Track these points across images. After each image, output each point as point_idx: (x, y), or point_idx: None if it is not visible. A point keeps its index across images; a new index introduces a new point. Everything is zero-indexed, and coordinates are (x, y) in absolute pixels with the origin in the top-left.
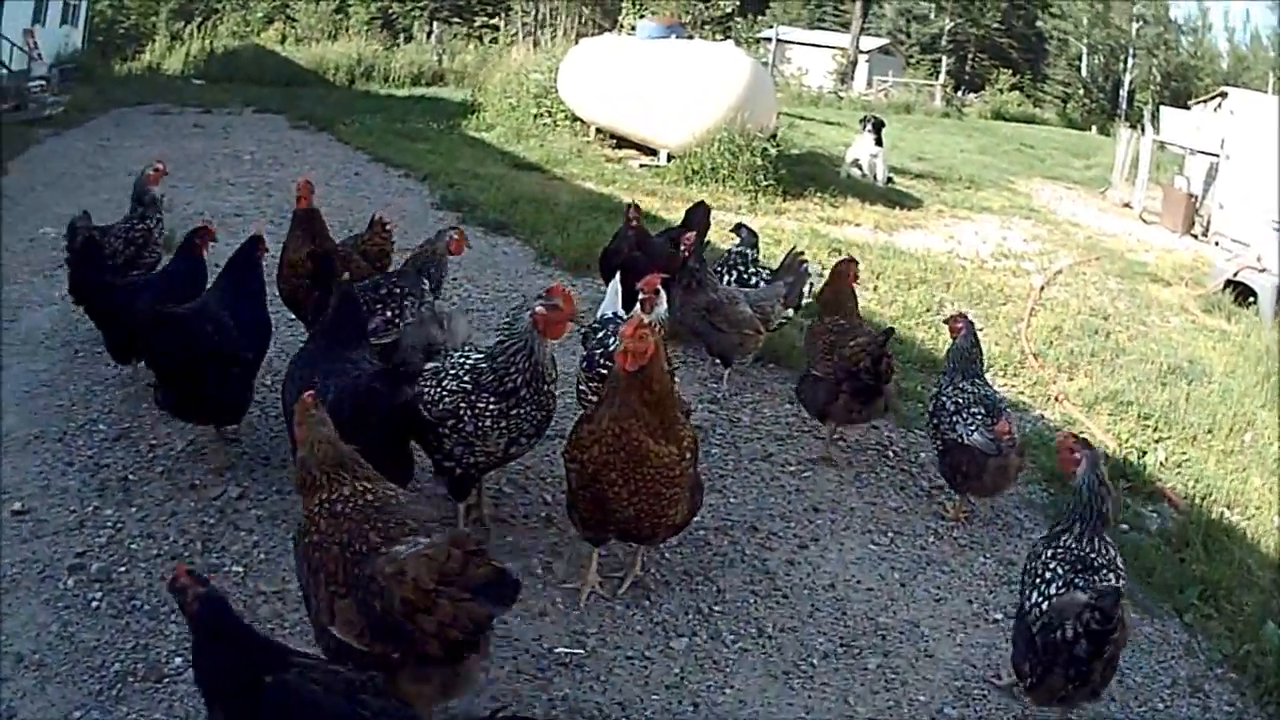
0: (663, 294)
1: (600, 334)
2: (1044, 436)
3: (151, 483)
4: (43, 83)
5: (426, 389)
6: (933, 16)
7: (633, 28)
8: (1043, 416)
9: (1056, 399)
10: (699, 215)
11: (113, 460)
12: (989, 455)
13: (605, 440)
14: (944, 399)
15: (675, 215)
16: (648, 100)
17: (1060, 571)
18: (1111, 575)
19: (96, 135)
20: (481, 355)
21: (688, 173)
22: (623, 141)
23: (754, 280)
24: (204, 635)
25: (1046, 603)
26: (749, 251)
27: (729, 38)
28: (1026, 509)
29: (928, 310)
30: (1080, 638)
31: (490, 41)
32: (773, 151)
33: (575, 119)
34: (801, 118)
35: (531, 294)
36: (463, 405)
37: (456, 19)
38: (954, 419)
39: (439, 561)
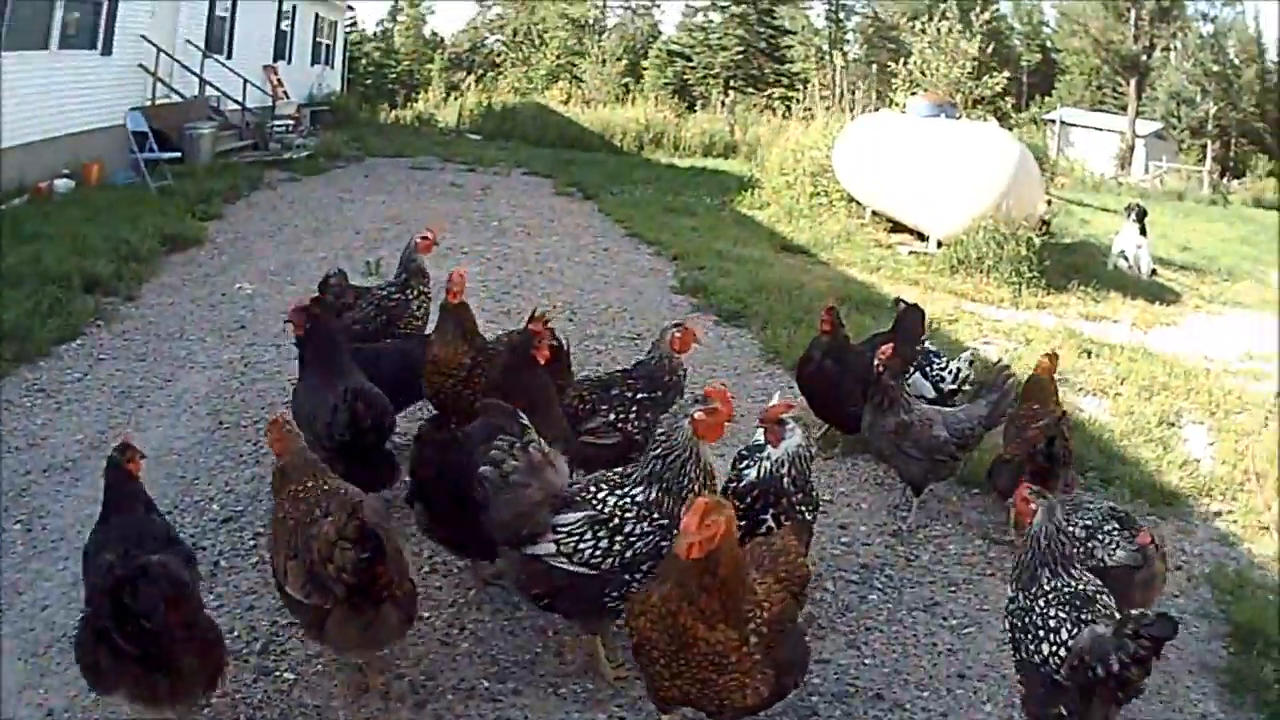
0: (791, 426)
1: (743, 464)
2: (1245, 579)
3: (241, 572)
4: (290, 123)
5: (589, 545)
6: (1199, 100)
7: (903, 105)
8: (1249, 552)
9: (1267, 529)
10: (910, 321)
11: (212, 542)
12: (1135, 569)
13: (650, 615)
14: (1070, 527)
15: (935, 307)
16: (914, 183)
17: (1064, 615)
18: (1105, 596)
19: (338, 185)
20: (641, 487)
21: (953, 261)
22: (899, 225)
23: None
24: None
25: (1063, 649)
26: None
27: (1001, 118)
28: (1200, 673)
29: (1159, 424)
30: (1129, 665)
31: (783, 115)
32: (1037, 242)
33: (851, 200)
34: (1080, 203)
35: (746, 394)
36: (664, 542)
37: (751, 89)
38: (1090, 545)
39: (337, 522)
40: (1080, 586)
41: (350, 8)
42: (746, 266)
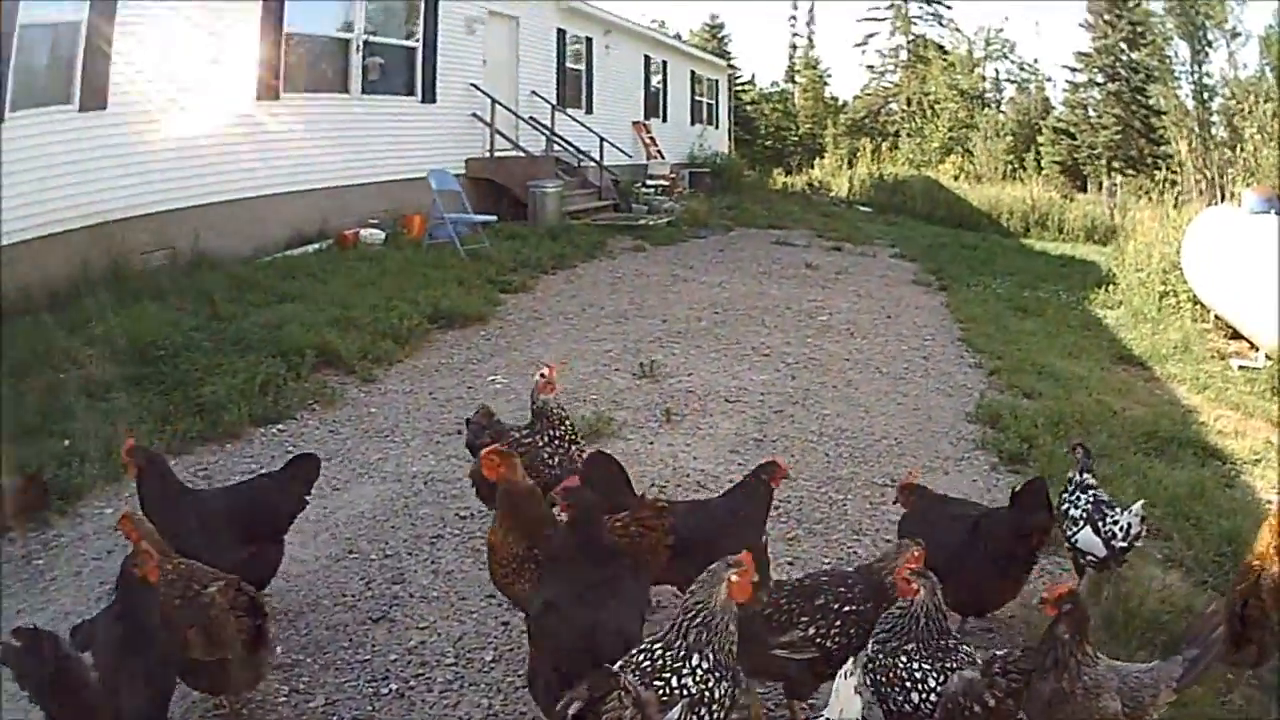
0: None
1: None
2: None
3: None
4: (662, 184)
5: None
6: None
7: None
8: None
9: None
10: (1032, 497)
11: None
12: None
13: None
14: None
15: (1242, 444)
16: (1243, 286)
17: (929, 666)
18: (968, 645)
19: (683, 260)
20: (695, 656)
21: (1276, 382)
22: (1238, 332)
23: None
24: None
25: (932, 695)
26: (1084, 477)
27: None
28: None
29: None
30: (1005, 699)
31: (1158, 200)
32: None
33: (1197, 302)
34: None
35: None
36: (735, 690)
37: (1131, 170)
38: None
39: (226, 595)
40: (941, 643)
41: (733, 66)
42: (1064, 386)
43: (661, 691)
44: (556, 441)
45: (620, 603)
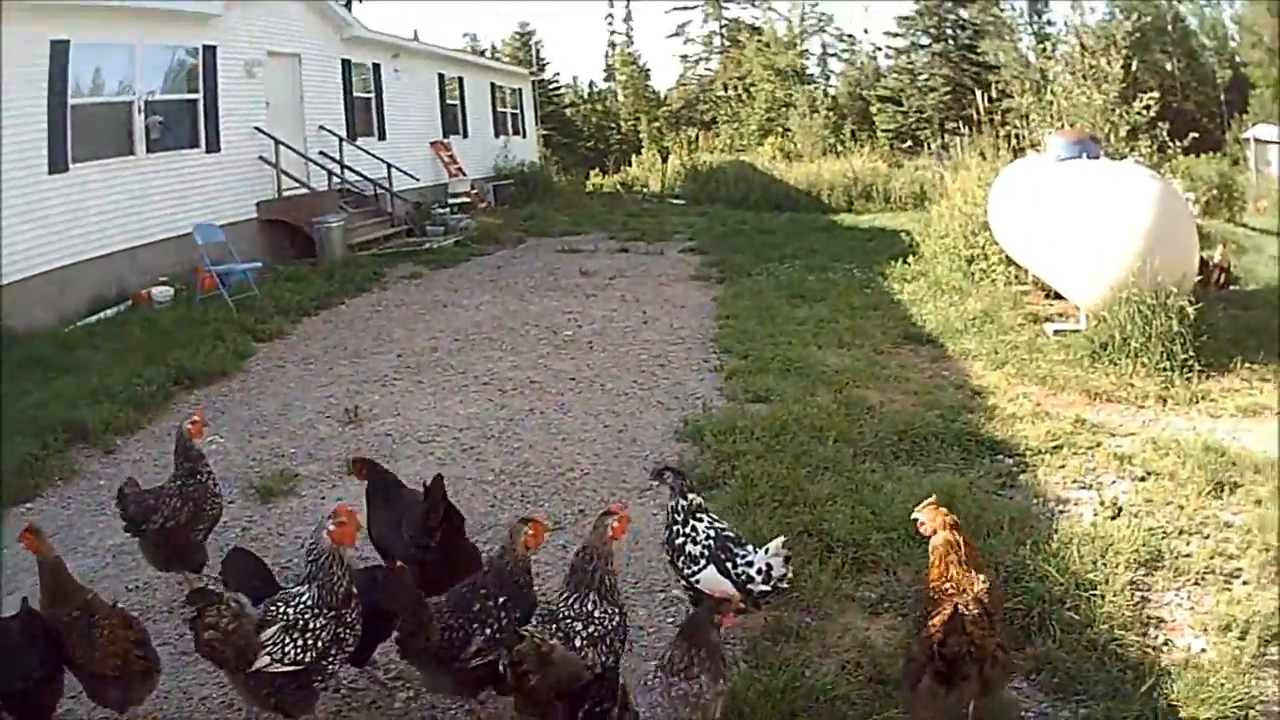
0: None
1: None
2: None
3: None
4: (464, 201)
5: (291, 647)
6: None
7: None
8: None
9: None
10: (435, 490)
11: None
12: None
13: None
14: None
15: (1041, 429)
16: (1054, 241)
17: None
18: (580, 625)
19: (457, 281)
20: (305, 588)
21: (1096, 345)
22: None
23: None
24: None
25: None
26: (689, 500)
27: (1160, 149)
28: None
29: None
30: (508, 668)
31: (993, 157)
32: (1191, 312)
33: (1011, 263)
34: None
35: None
36: (340, 629)
37: (968, 129)
38: None
39: None
40: (560, 607)
41: (537, 72)
42: (811, 383)
43: (268, 613)
44: (212, 478)
45: None
